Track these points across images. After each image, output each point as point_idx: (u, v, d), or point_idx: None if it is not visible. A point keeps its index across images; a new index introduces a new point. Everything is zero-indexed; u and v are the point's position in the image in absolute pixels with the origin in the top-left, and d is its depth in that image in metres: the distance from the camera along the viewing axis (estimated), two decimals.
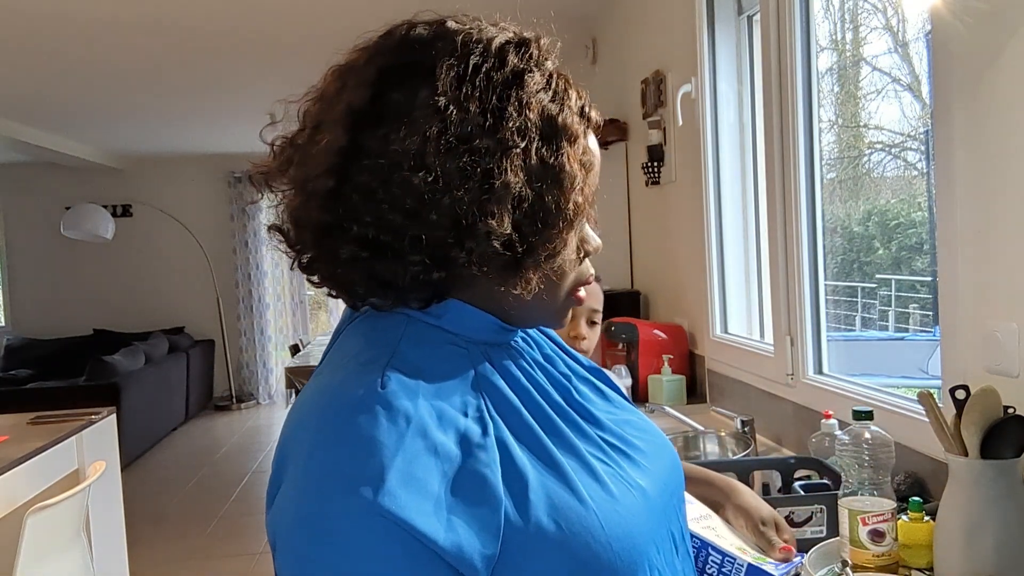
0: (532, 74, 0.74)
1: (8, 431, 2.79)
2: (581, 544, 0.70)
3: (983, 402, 1.21)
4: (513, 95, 0.72)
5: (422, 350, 0.74)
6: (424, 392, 0.70)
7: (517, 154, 0.70)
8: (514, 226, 0.70)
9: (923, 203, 2.33)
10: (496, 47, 0.74)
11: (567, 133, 0.73)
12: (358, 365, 0.72)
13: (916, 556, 1.30)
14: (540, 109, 0.73)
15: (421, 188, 0.69)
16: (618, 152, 3.63)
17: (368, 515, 0.64)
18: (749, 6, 2.62)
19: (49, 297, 8.16)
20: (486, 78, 0.72)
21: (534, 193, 0.71)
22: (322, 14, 3.78)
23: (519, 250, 0.71)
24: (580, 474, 0.74)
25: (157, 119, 6.25)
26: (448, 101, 0.70)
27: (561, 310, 0.81)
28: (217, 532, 4.48)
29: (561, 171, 0.72)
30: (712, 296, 2.75)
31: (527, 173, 0.70)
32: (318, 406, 0.71)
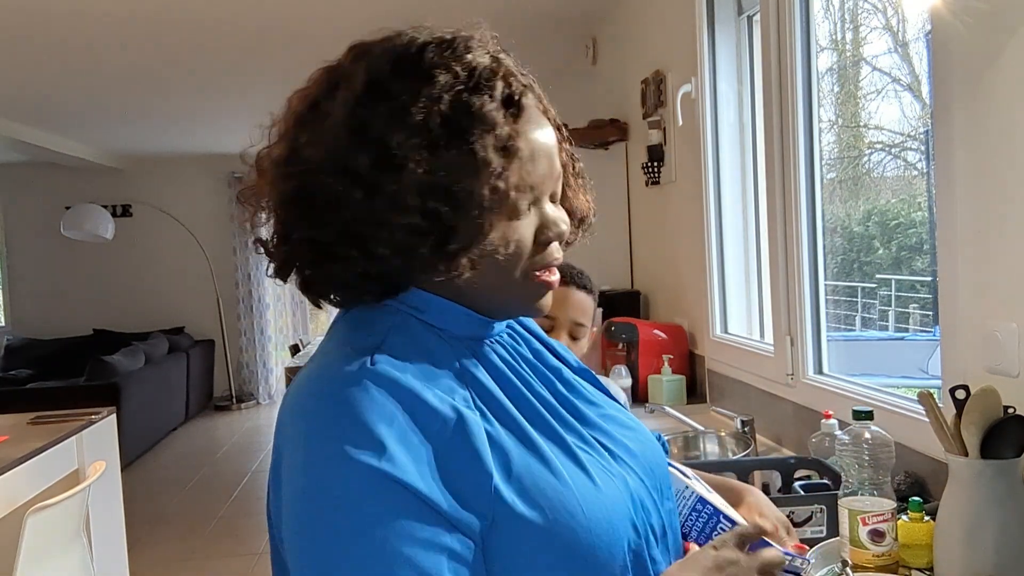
0: (447, 69, 0.76)
1: (8, 431, 2.79)
2: (563, 526, 0.73)
3: (983, 402, 1.21)
4: (423, 91, 0.75)
5: (409, 341, 0.78)
6: (413, 373, 0.74)
7: (424, 146, 0.73)
8: (426, 214, 0.74)
9: (923, 203, 2.33)
10: (415, 48, 0.78)
11: (482, 122, 0.75)
12: (349, 350, 0.76)
13: (916, 556, 1.30)
14: (452, 101, 0.75)
15: (335, 186, 0.74)
16: (618, 152, 3.63)
17: (373, 479, 0.68)
18: (749, 6, 2.62)
19: (49, 297, 8.16)
20: (397, 79, 0.76)
21: (444, 182, 0.73)
22: (322, 14, 3.78)
23: (433, 238, 0.74)
24: (562, 459, 0.77)
25: (157, 119, 6.24)
26: (357, 104, 0.75)
27: (527, 295, 0.83)
28: (217, 532, 4.48)
29: (473, 159, 0.74)
30: (712, 296, 2.75)
31: (435, 164, 0.73)
32: (312, 387, 0.76)
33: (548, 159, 0.81)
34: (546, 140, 0.81)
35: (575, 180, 0.92)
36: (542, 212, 0.81)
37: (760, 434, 2.21)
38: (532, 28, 4.11)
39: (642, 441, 0.90)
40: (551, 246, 0.82)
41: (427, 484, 0.69)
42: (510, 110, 0.77)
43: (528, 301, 0.84)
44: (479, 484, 0.71)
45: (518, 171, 0.77)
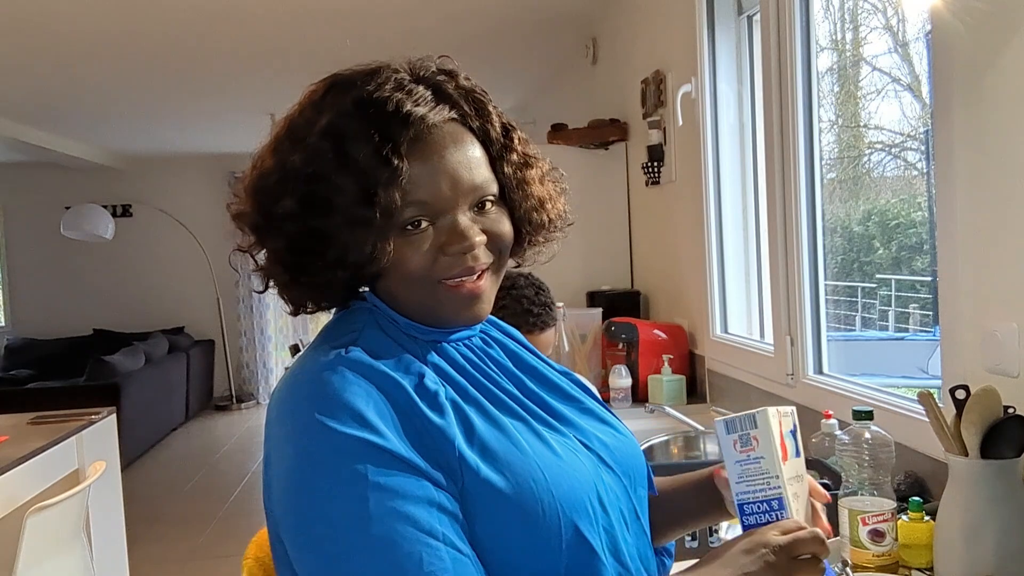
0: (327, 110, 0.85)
1: (8, 431, 2.79)
2: (527, 491, 0.79)
3: (983, 402, 1.21)
4: (316, 124, 0.84)
5: (381, 336, 0.87)
6: (383, 359, 0.83)
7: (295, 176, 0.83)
8: (294, 240, 0.84)
9: (923, 203, 2.33)
10: (323, 86, 0.88)
11: (351, 148, 0.82)
12: (327, 347, 0.85)
13: (916, 556, 1.30)
14: (329, 131, 0.83)
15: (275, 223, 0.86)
16: (618, 152, 3.63)
17: (358, 446, 0.75)
18: (749, 6, 2.62)
19: (49, 297, 8.16)
20: (303, 119, 0.86)
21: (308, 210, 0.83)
22: (322, 15, 3.78)
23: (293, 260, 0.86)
24: (523, 433, 0.84)
25: (157, 119, 6.25)
26: (276, 142, 0.87)
27: (449, 304, 0.87)
28: (217, 532, 4.48)
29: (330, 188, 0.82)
30: (712, 296, 2.75)
31: (300, 193, 0.83)
32: (294, 378, 0.84)
33: (449, 176, 0.85)
34: (450, 158, 0.85)
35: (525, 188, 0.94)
36: (450, 224, 0.85)
37: None
38: (532, 28, 4.11)
39: (616, 435, 0.95)
40: (458, 257, 0.86)
41: (407, 451, 0.76)
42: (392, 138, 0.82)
43: (453, 310, 0.88)
44: (446, 453, 0.78)
45: (392, 192, 0.81)
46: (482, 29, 4.07)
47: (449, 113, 0.87)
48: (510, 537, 0.78)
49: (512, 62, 4.75)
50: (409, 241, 0.84)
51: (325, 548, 0.75)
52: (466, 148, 0.87)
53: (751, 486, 0.88)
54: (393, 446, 0.76)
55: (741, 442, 0.91)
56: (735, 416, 0.92)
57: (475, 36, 4.20)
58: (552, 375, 0.97)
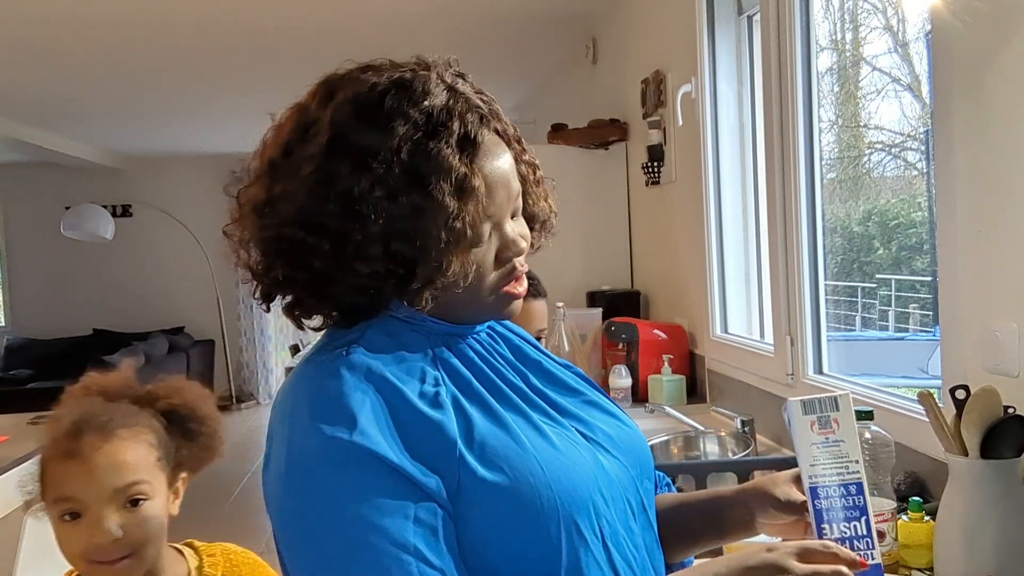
0: (404, 119, 0.80)
1: (8, 431, 2.79)
2: (526, 485, 0.78)
3: (983, 402, 1.21)
4: (384, 144, 0.79)
5: (386, 336, 0.85)
6: (385, 360, 0.82)
7: (383, 198, 0.79)
8: (389, 258, 0.80)
9: (923, 203, 2.33)
10: (375, 97, 0.81)
11: (439, 169, 0.79)
12: (329, 347, 0.85)
13: (916, 556, 1.30)
14: (410, 152, 0.79)
15: (302, 240, 0.81)
16: (618, 152, 3.63)
17: (346, 451, 0.75)
18: (749, 6, 2.62)
19: (49, 297, 8.16)
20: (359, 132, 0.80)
21: (404, 228, 0.79)
22: (322, 14, 3.78)
23: (396, 279, 0.81)
24: (524, 428, 0.83)
25: (157, 119, 6.25)
26: (324, 158, 0.80)
27: (496, 305, 0.89)
28: (217, 532, 4.45)
29: (431, 206, 0.79)
30: (712, 296, 2.75)
31: (393, 212, 0.79)
32: (294, 380, 0.85)
33: (505, 187, 0.85)
34: (502, 166, 0.85)
35: (535, 188, 0.96)
36: (502, 234, 0.86)
37: (760, 434, 2.21)
38: (532, 28, 4.11)
39: (622, 426, 0.95)
40: (514, 261, 0.88)
41: (397, 455, 0.76)
42: (465, 152, 0.81)
43: (496, 311, 0.90)
44: (444, 452, 0.78)
45: (474, 208, 0.81)
46: (482, 29, 4.07)
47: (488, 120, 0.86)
48: (509, 534, 0.78)
49: (512, 62, 4.75)
50: (472, 254, 0.83)
51: (301, 552, 0.78)
52: (506, 154, 0.87)
53: (828, 470, 0.86)
54: (382, 450, 0.76)
55: (819, 424, 0.89)
56: (813, 397, 0.90)
57: (475, 36, 4.20)
58: (555, 369, 0.97)
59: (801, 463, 0.88)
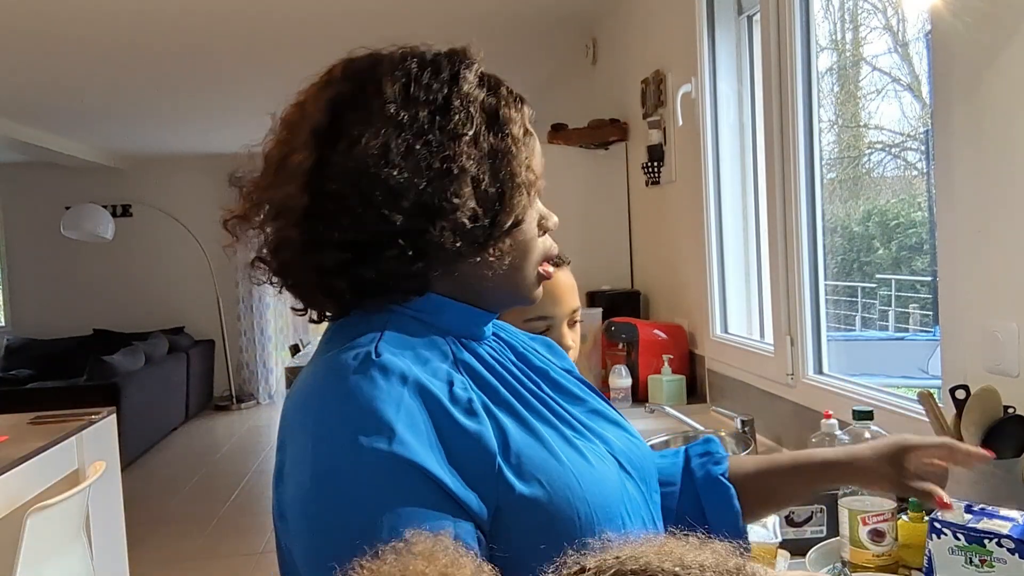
0: (465, 74, 0.84)
1: (8, 431, 2.79)
2: (563, 501, 0.76)
3: (983, 402, 1.22)
4: (454, 93, 0.82)
5: (405, 335, 0.81)
6: (412, 361, 0.77)
7: (467, 140, 0.80)
8: (478, 200, 0.80)
9: (923, 203, 2.33)
10: (430, 58, 0.85)
11: (505, 117, 0.84)
12: (349, 346, 0.79)
13: (916, 556, 1.30)
14: (479, 101, 0.83)
15: (389, 184, 0.77)
16: (618, 152, 3.63)
17: (385, 463, 0.70)
18: (749, 6, 2.62)
19: (49, 297, 8.16)
20: (427, 83, 0.82)
21: (489, 171, 0.81)
22: (321, 15, 3.78)
23: (485, 222, 0.81)
24: (555, 439, 0.81)
25: (157, 119, 6.24)
26: (398, 107, 0.80)
27: (532, 285, 0.89)
28: (217, 532, 4.48)
29: (508, 149, 0.83)
30: (712, 296, 2.75)
31: (479, 155, 0.81)
32: (317, 382, 0.79)
33: (540, 159, 0.89)
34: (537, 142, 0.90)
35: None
36: (538, 205, 0.89)
37: (760, 434, 2.21)
38: (532, 28, 4.11)
39: (629, 438, 0.94)
40: (547, 236, 0.90)
41: (437, 466, 0.72)
42: (518, 108, 0.86)
43: (531, 290, 0.90)
44: (484, 465, 0.74)
45: (536, 158, 0.86)
46: (482, 29, 4.06)
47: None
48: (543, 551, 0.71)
49: (512, 62, 4.74)
50: (526, 209, 0.85)
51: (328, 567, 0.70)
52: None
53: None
54: (424, 462, 0.71)
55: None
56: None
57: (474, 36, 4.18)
58: (561, 377, 0.95)
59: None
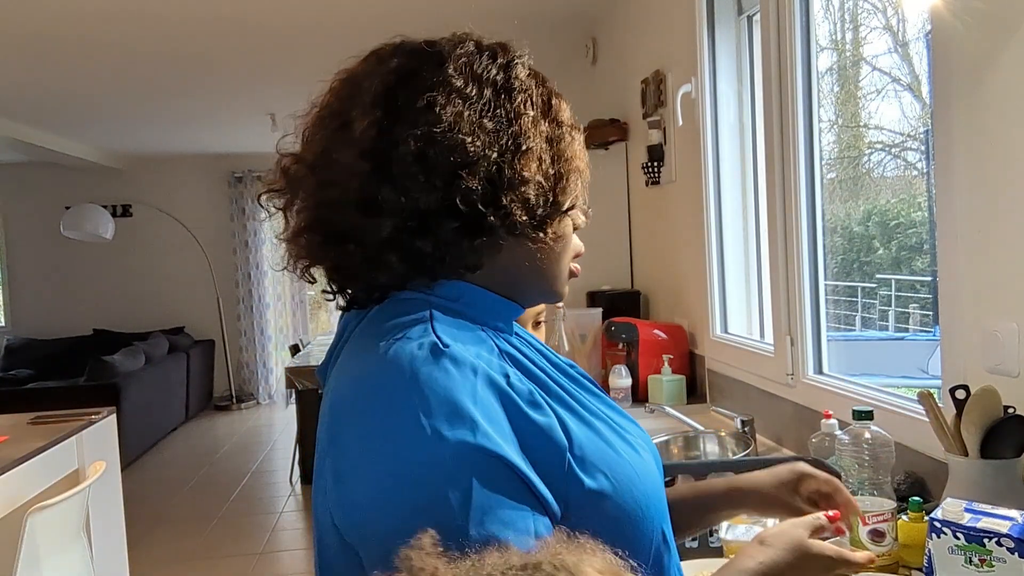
0: (519, 63, 0.86)
1: (8, 431, 2.79)
2: (626, 492, 0.75)
3: (983, 402, 1.22)
4: (512, 76, 0.83)
5: (449, 324, 0.78)
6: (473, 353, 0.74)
7: (530, 120, 0.81)
8: (542, 177, 0.81)
9: (923, 203, 2.33)
10: (486, 44, 0.86)
11: (557, 107, 0.86)
12: (404, 335, 0.75)
13: (916, 556, 1.30)
14: (540, 94, 0.85)
15: (463, 152, 0.76)
16: (618, 152, 3.63)
17: (472, 454, 0.67)
18: (749, 6, 2.62)
19: (49, 297, 8.16)
20: (487, 64, 0.83)
21: (550, 152, 0.82)
22: (321, 15, 3.78)
23: (549, 198, 0.82)
24: (608, 432, 0.80)
25: (157, 119, 6.25)
26: (466, 80, 0.80)
27: (563, 281, 0.90)
28: (217, 532, 4.48)
29: (563, 136, 0.84)
30: (712, 296, 2.75)
31: (541, 136, 0.82)
32: (378, 374, 0.73)
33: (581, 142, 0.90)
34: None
35: None
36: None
37: (760, 434, 2.21)
38: (532, 28, 4.11)
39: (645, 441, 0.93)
40: (575, 237, 0.90)
41: (520, 459, 0.70)
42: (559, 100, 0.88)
43: (562, 287, 0.90)
44: (555, 458, 0.72)
45: (583, 151, 0.88)
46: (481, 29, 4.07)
47: None
48: (613, 543, 0.69)
49: None
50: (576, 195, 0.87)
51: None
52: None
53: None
54: (506, 453, 0.68)
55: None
56: None
57: None
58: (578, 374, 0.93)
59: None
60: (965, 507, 1.05)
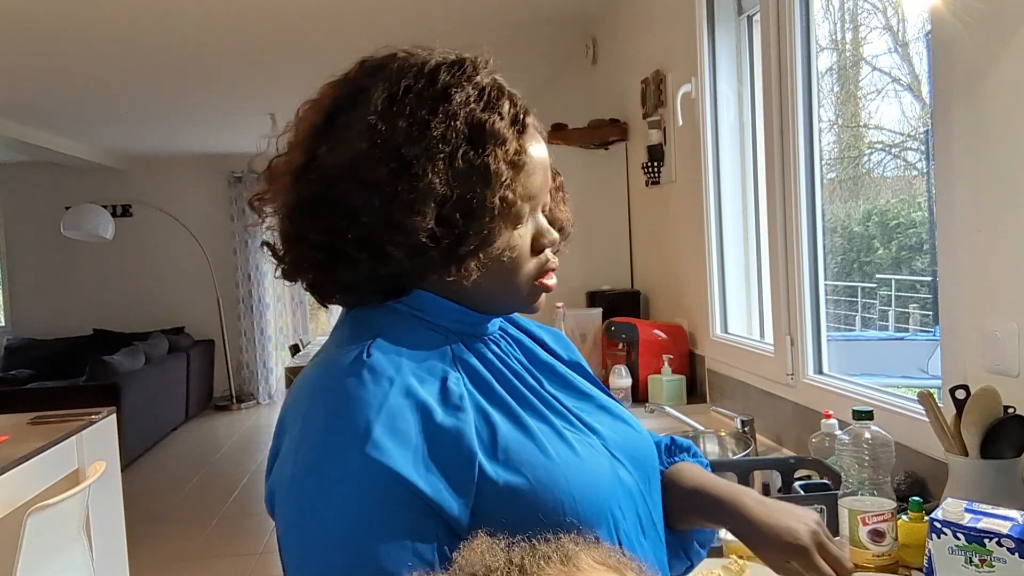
0: (461, 88, 0.82)
1: (8, 431, 2.79)
2: (547, 495, 0.77)
3: (983, 402, 1.22)
4: (440, 108, 0.81)
5: (403, 334, 0.83)
6: (406, 361, 0.80)
7: (441, 158, 0.79)
8: (440, 221, 0.79)
9: (923, 203, 2.33)
10: (429, 69, 0.83)
11: (495, 137, 0.81)
12: (346, 345, 0.82)
13: (916, 556, 1.30)
14: (467, 118, 0.81)
15: (354, 194, 0.80)
16: (618, 152, 3.63)
17: (358, 464, 0.73)
18: (749, 6, 2.62)
19: (49, 297, 8.16)
20: (415, 96, 0.81)
21: (459, 191, 0.80)
22: (321, 16, 3.78)
23: (446, 242, 0.80)
24: (548, 435, 0.82)
25: (157, 119, 6.25)
26: (378, 119, 0.80)
27: (529, 296, 0.89)
28: (217, 532, 4.48)
29: (486, 171, 0.80)
30: (712, 296, 2.75)
31: (451, 174, 0.79)
32: (311, 378, 0.82)
33: (543, 172, 0.88)
34: (542, 155, 0.88)
35: (556, 193, 0.97)
36: (537, 222, 0.88)
37: (760, 434, 2.21)
38: (532, 28, 4.11)
39: (633, 432, 0.94)
40: (547, 252, 0.89)
41: (412, 469, 0.73)
42: (516, 127, 0.84)
43: (529, 301, 0.90)
44: (463, 459, 0.76)
45: (523, 182, 0.83)
46: (481, 29, 4.07)
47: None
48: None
49: (512, 62, 4.71)
50: (515, 234, 0.84)
51: (301, 566, 0.75)
52: (544, 145, 0.89)
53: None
54: (397, 466, 0.72)
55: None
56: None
57: (475, 36, 4.18)
58: (566, 372, 0.95)
59: None
60: (965, 507, 1.04)
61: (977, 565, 1.00)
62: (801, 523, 0.91)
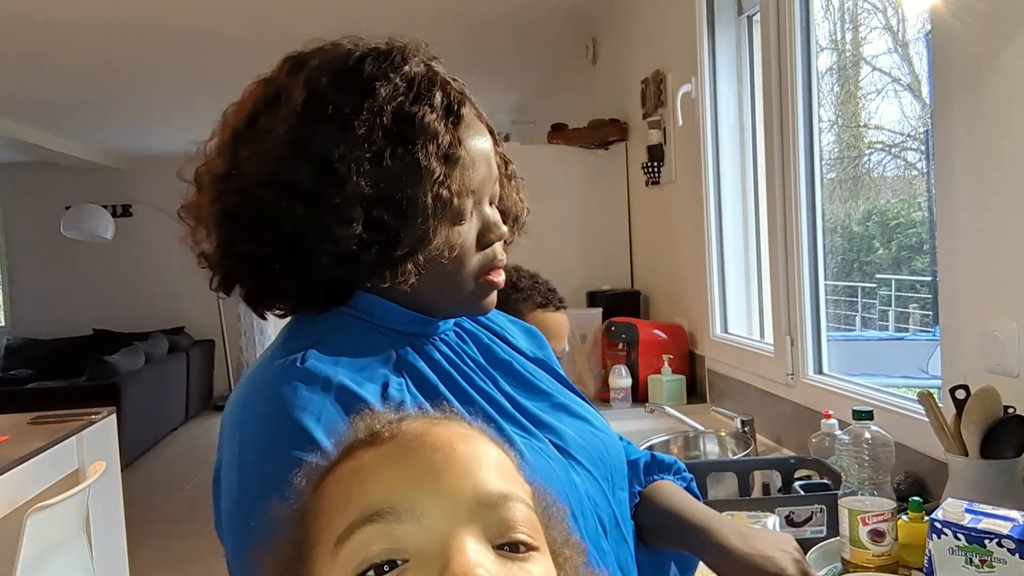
0: (387, 80, 0.77)
1: (8, 431, 2.79)
2: None
3: (983, 402, 1.21)
4: (364, 103, 0.76)
5: (346, 338, 0.79)
6: (344, 366, 0.75)
7: (367, 158, 0.75)
8: (370, 224, 0.75)
9: (923, 203, 2.33)
10: (352, 61, 0.79)
11: (424, 131, 0.76)
12: (282, 352, 0.78)
13: (916, 556, 1.30)
14: (394, 112, 0.76)
15: (277, 202, 0.75)
16: (618, 152, 3.63)
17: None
18: (749, 6, 2.62)
19: (49, 297, 8.16)
20: (337, 92, 0.77)
21: (388, 192, 0.75)
22: (321, 16, 3.78)
23: (378, 247, 0.76)
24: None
25: (157, 119, 6.24)
26: (298, 120, 0.76)
27: (474, 295, 0.85)
28: (212, 531, 4.47)
29: (416, 168, 0.75)
30: (712, 296, 2.75)
31: (379, 174, 0.75)
32: (244, 389, 0.78)
33: (486, 163, 0.83)
34: (483, 145, 0.83)
35: (508, 182, 0.93)
36: (483, 215, 0.84)
37: (760, 434, 2.21)
38: (532, 28, 4.11)
39: (594, 432, 0.91)
40: (494, 247, 0.85)
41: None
42: (450, 118, 0.79)
43: (474, 302, 0.86)
44: None
45: (460, 177, 0.78)
46: (482, 29, 4.07)
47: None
48: None
49: (512, 62, 4.75)
50: (455, 231, 0.80)
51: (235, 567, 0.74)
52: (486, 135, 0.84)
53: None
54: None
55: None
56: None
57: (475, 36, 4.19)
58: (525, 369, 0.92)
59: None
60: (966, 508, 1.04)
61: (977, 566, 1.00)
62: (781, 551, 0.87)
